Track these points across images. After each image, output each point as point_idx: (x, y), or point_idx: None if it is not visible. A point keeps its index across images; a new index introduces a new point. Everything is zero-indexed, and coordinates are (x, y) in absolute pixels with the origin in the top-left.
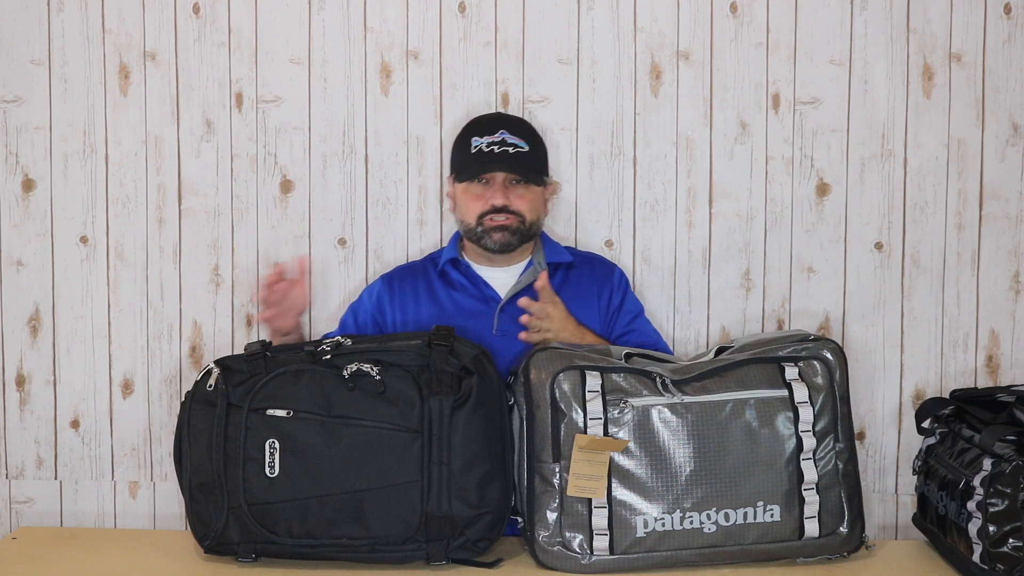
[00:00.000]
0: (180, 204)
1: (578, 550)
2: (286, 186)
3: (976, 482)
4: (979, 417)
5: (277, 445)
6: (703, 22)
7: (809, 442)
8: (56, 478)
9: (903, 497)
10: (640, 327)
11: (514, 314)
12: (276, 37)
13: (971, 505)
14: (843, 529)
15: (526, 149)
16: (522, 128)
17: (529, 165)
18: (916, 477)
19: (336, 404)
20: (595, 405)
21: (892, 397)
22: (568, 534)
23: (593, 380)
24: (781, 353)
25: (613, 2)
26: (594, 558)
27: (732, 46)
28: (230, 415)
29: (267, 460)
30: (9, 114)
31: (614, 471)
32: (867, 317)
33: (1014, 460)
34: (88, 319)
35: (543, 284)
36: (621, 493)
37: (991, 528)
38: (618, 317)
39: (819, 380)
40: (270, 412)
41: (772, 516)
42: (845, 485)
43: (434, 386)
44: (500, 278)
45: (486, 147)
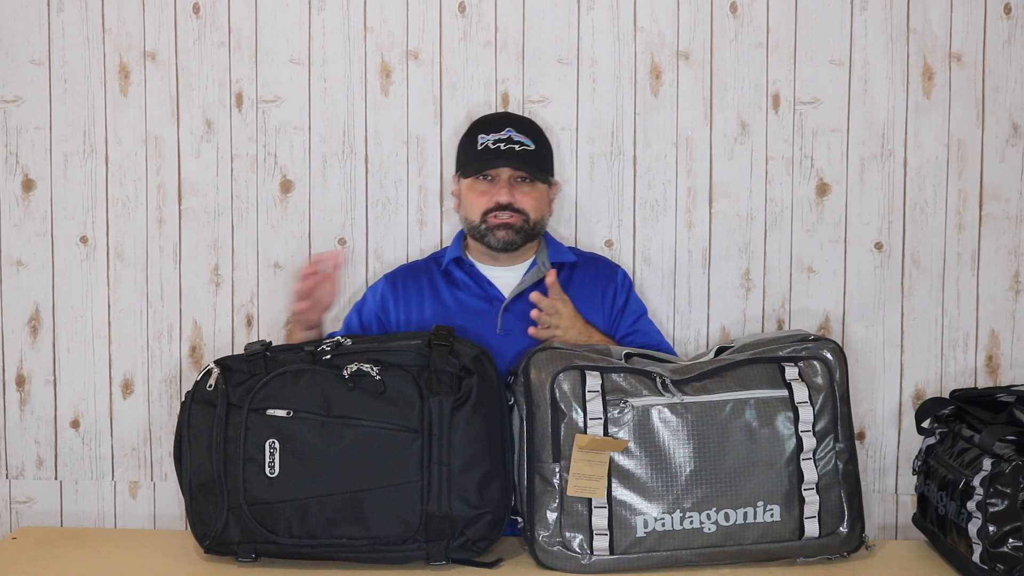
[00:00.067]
0: (180, 204)
1: (578, 550)
2: (286, 186)
3: (976, 482)
4: (979, 417)
5: (277, 445)
6: (703, 22)
7: (809, 442)
8: (56, 478)
9: (903, 497)
10: (644, 327)
11: (518, 313)
12: (276, 37)
13: (971, 505)
14: (843, 529)
15: (532, 147)
16: (528, 127)
17: (535, 163)
18: (916, 477)
19: (336, 404)
20: (595, 405)
21: (892, 397)
22: (568, 534)
23: (593, 380)
24: (781, 353)
25: (613, 2)
26: (594, 558)
27: (732, 46)
28: (230, 415)
29: (267, 460)
30: (9, 114)
31: (614, 471)
32: (867, 317)
33: (1014, 460)
34: (88, 319)
35: (552, 281)
36: (621, 493)
37: (991, 528)
38: (622, 318)
39: (819, 380)
40: (270, 412)
41: (772, 516)
42: (845, 485)
43: (434, 386)
44: (504, 277)
45: (492, 144)
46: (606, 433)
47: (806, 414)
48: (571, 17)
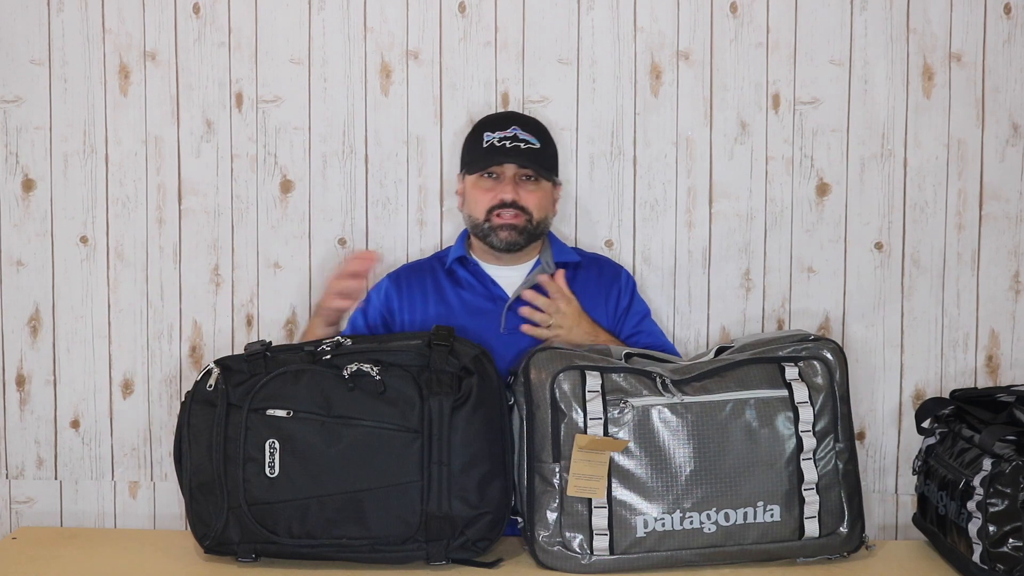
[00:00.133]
0: (180, 204)
1: (578, 550)
2: (286, 186)
3: (976, 482)
4: (979, 417)
5: (277, 445)
6: (703, 22)
7: (809, 442)
8: (56, 478)
9: (903, 497)
10: (648, 328)
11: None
12: (276, 37)
13: (971, 505)
14: (843, 529)
15: (537, 146)
16: (534, 126)
17: (540, 161)
18: (916, 477)
19: (336, 404)
20: (595, 405)
21: (892, 397)
22: (568, 534)
23: (593, 380)
24: (781, 353)
25: (613, 2)
26: (594, 558)
27: (732, 46)
28: (230, 415)
29: (267, 460)
30: (9, 114)
31: (614, 471)
32: (867, 317)
33: (1014, 460)
34: (88, 319)
35: (559, 280)
36: (621, 493)
37: (991, 528)
38: (626, 318)
39: (819, 380)
40: (270, 412)
41: (772, 516)
42: (845, 485)
43: (434, 386)
44: (508, 276)
45: (498, 142)
46: (606, 433)
47: (806, 414)
48: (571, 17)
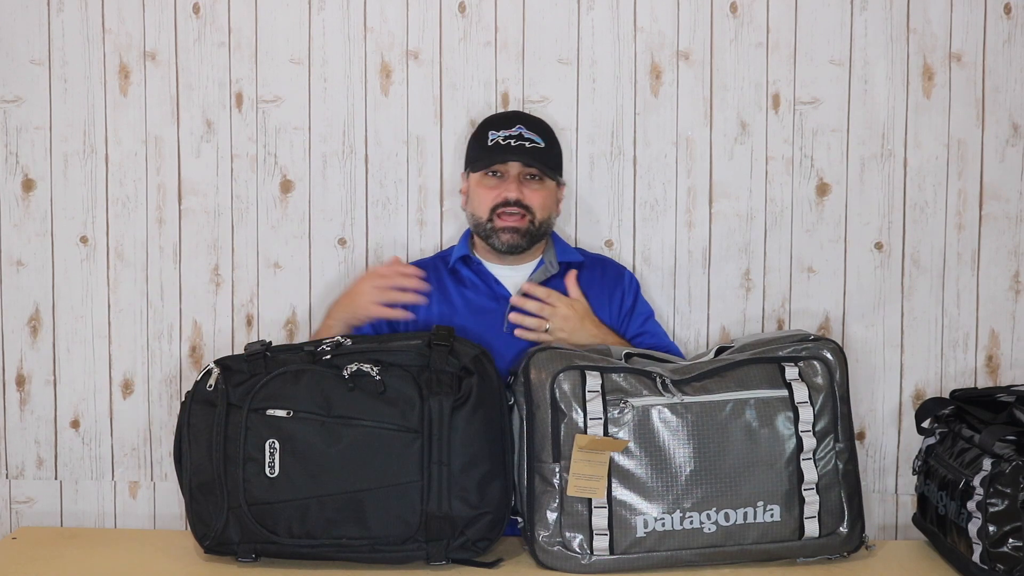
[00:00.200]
0: (180, 204)
1: (578, 550)
2: (286, 186)
3: (976, 482)
4: (979, 417)
5: (277, 445)
6: (703, 22)
7: (809, 442)
8: (56, 478)
9: (903, 497)
10: (652, 329)
11: (525, 312)
12: (276, 37)
13: (971, 505)
14: (843, 529)
15: (542, 145)
16: (540, 126)
17: (544, 160)
18: (916, 477)
19: (336, 404)
20: (595, 405)
21: (892, 397)
22: (568, 534)
23: (593, 380)
24: (781, 353)
25: (613, 2)
26: (594, 558)
27: (732, 46)
28: (230, 415)
29: (267, 460)
30: (9, 114)
31: (614, 471)
32: (867, 317)
33: (1014, 460)
34: (88, 319)
35: (570, 281)
36: (621, 493)
37: (991, 528)
38: (631, 319)
39: (819, 380)
40: (270, 412)
41: (772, 516)
42: (845, 485)
43: (434, 386)
44: (511, 276)
45: (503, 140)
46: (606, 433)
47: (806, 414)
48: (571, 17)
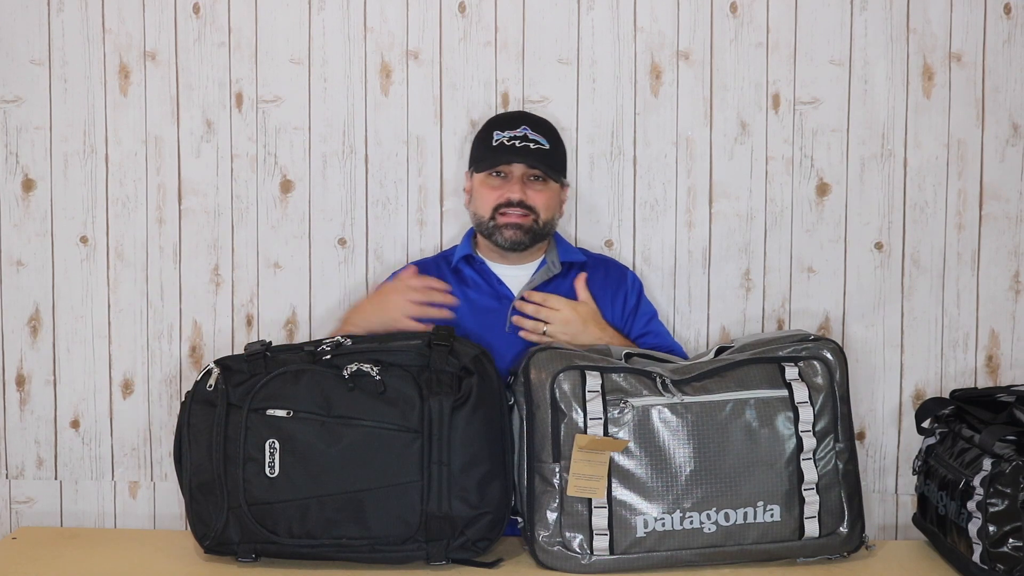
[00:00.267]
0: (180, 204)
1: (578, 550)
2: (286, 186)
3: (976, 482)
4: (979, 417)
5: (277, 445)
6: (703, 22)
7: (809, 442)
8: (56, 478)
9: (903, 497)
10: (656, 329)
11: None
12: (276, 37)
13: (971, 505)
14: (843, 529)
15: (547, 147)
16: (544, 127)
17: (548, 162)
18: (916, 477)
19: (336, 404)
20: (595, 405)
21: (892, 397)
22: (568, 534)
23: (593, 380)
24: (781, 353)
25: (613, 2)
26: (594, 558)
27: (732, 46)
28: (230, 415)
29: (267, 460)
30: (9, 114)
31: (614, 471)
32: (867, 317)
33: (1014, 460)
34: (88, 319)
35: (579, 283)
36: (621, 493)
37: (991, 528)
38: (635, 319)
39: (819, 380)
40: (270, 412)
41: (772, 516)
42: (845, 485)
43: (434, 386)
44: (514, 275)
45: (508, 141)
46: (606, 433)
47: (806, 414)
48: (571, 17)
